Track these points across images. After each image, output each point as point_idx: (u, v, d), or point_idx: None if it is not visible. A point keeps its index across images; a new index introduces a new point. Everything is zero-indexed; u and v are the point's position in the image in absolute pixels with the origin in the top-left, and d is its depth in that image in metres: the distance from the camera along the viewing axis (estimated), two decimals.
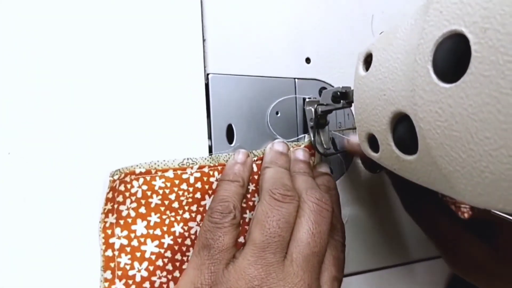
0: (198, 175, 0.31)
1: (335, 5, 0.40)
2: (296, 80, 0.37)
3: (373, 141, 0.26)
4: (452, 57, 0.19)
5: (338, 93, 0.31)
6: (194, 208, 0.31)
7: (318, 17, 0.38)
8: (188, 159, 0.31)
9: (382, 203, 0.41)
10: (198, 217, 0.31)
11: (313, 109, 0.35)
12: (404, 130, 0.23)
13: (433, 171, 0.21)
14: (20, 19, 0.27)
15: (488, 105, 0.17)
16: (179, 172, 0.31)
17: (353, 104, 0.28)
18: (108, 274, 0.28)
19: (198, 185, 0.31)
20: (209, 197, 0.31)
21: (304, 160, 0.34)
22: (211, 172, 0.32)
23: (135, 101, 0.30)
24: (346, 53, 0.39)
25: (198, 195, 0.31)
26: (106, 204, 0.29)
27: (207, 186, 0.31)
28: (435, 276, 0.45)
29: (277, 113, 0.36)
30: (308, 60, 0.38)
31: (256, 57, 0.35)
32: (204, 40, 0.33)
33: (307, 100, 0.36)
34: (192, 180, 0.31)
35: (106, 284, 0.28)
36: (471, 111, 0.18)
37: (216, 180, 0.32)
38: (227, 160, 0.32)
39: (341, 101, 0.32)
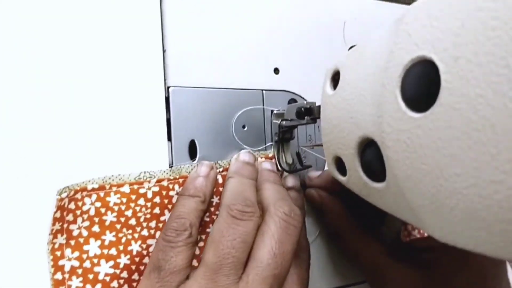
0: (156, 189, 0.29)
1: (305, 12, 0.38)
2: (264, 91, 0.35)
3: (340, 164, 0.25)
4: (421, 85, 0.17)
5: (303, 109, 0.30)
6: (153, 224, 0.29)
7: (287, 25, 0.37)
8: (145, 172, 0.29)
9: None
10: (158, 234, 0.29)
11: (277, 123, 0.34)
12: (372, 156, 0.21)
13: (401, 202, 0.20)
14: None
15: (458, 140, 0.16)
16: (135, 186, 0.29)
17: (319, 122, 0.26)
18: None
19: (157, 199, 0.29)
20: (169, 212, 0.29)
21: (273, 170, 0.33)
22: (170, 186, 0.30)
23: (91, 114, 0.28)
24: (317, 63, 0.38)
25: (157, 210, 0.29)
26: (54, 224, 0.26)
27: (166, 201, 0.29)
28: None
29: (243, 126, 0.34)
30: (276, 71, 0.36)
31: (221, 68, 0.33)
32: (164, 51, 0.31)
33: (275, 112, 0.35)
34: (150, 195, 0.29)
35: None
36: (441, 144, 0.17)
37: (177, 193, 0.30)
38: (189, 172, 0.30)
39: (305, 117, 0.30)
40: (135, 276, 0.28)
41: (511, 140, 0.14)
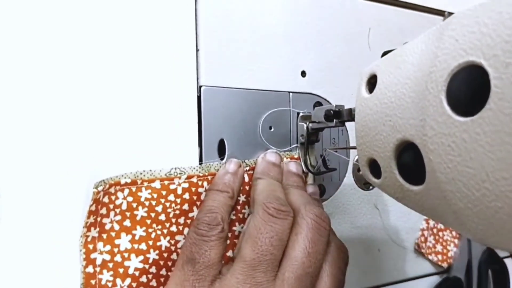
0: (186, 185, 0.29)
1: (331, 17, 0.38)
2: (290, 93, 0.36)
3: (374, 167, 0.25)
4: (469, 90, 0.18)
5: (331, 111, 0.30)
6: (181, 220, 0.29)
7: (314, 30, 0.37)
8: (176, 168, 0.29)
9: (374, 222, 0.41)
10: (186, 230, 0.30)
11: (304, 125, 0.34)
12: (410, 159, 0.22)
13: (441, 205, 0.20)
14: None
15: (507, 144, 0.16)
16: (166, 182, 0.29)
17: (348, 124, 0.27)
18: None
19: (186, 196, 0.29)
20: (198, 209, 0.30)
21: (297, 173, 0.33)
22: (200, 182, 0.30)
23: (125, 111, 0.29)
24: (342, 67, 0.38)
25: (185, 206, 0.30)
26: (88, 218, 0.27)
27: (195, 197, 0.30)
28: None
29: (270, 127, 0.34)
30: (303, 74, 0.36)
31: (250, 69, 0.34)
32: (197, 51, 0.31)
33: (301, 114, 0.35)
34: (179, 191, 0.29)
35: None
36: (488, 148, 0.17)
37: (205, 190, 0.30)
38: (217, 170, 0.31)
39: (334, 120, 0.31)
40: (163, 272, 0.29)
41: None
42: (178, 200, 0.29)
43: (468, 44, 0.18)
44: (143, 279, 0.28)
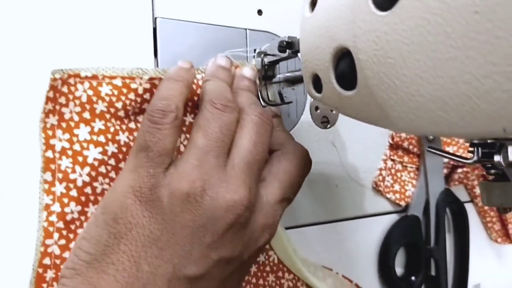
0: (147, 86, 0.30)
1: None
2: (247, 30, 0.36)
3: (317, 82, 0.26)
4: None
5: (284, 42, 0.31)
6: (140, 118, 0.30)
7: None
8: (138, 69, 0.29)
9: (332, 159, 0.42)
10: None
11: (260, 60, 0.35)
12: (345, 65, 0.23)
13: (370, 103, 0.22)
14: None
15: (419, 27, 0.18)
16: (127, 81, 0.29)
17: (300, 46, 0.28)
18: (48, 176, 0.27)
19: (147, 96, 0.30)
20: None
21: (249, 78, 0.33)
22: None
23: (78, 42, 0.29)
24: (299, 6, 0.39)
25: (146, 106, 0.30)
26: (46, 103, 0.27)
27: None
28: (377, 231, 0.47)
29: None
30: (260, 12, 0.37)
31: (208, 4, 0.34)
32: None
33: (257, 51, 0.36)
34: (140, 91, 0.29)
35: (46, 186, 0.27)
36: (404, 35, 0.18)
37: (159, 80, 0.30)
38: None
39: (287, 50, 0.32)
40: (122, 165, 0.30)
41: (463, 17, 0.16)
42: (139, 100, 0.30)
43: None
44: (102, 169, 0.29)
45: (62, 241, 0.28)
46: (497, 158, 0.25)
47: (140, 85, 0.29)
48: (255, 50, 0.37)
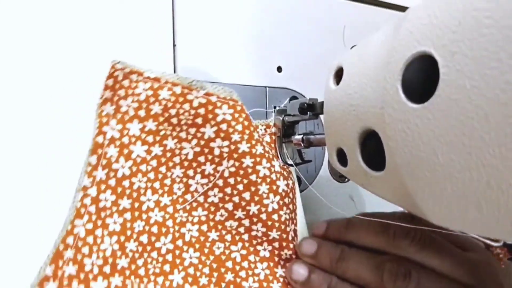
0: (203, 100, 0.29)
1: (307, 14, 0.40)
2: (267, 88, 0.37)
3: (342, 155, 0.26)
4: (421, 78, 0.19)
5: (305, 104, 0.31)
6: (192, 130, 0.30)
7: (290, 26, 0.38)
8: (197, 81, 0.29)
9: (350, 212, 0.42)
10: (194, 141, 0.30)
11: (280, 118, 0.35)
12: (372, 146, 0.23)
13: (399, 188, 0.21)
14: None
15: (454, 128, 0.17)
16: (185, 90, 0.29)
17: (322, 117, 0.28)
18: (93, 159, 0.27)
19: (201, 111, 0.29)
20: (211, 128, 0.30)
21: None
22: (218, 104, 0.30)
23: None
24: (318, 63, 0.40)
25: (199, 120, 0.30)
26: (105, 90, 0.27)
27: (210, 116, 0.30)
28: None
29: None
30: (279, 69, 0.38)
31: (227, 64, 0.35)
32: (174, 46, 0.32)
33: (277, 108, 0.36)
34: (195, 104, 0.29)
35: (89, 168, 0.27)
36: (438, 133, 0.18)
37: (224, 114, 0.30)
38: (239, 99, 0.31)
39: (308, 112, 0.32)
40: (162, 169, 0.30)
41: (501, 127, 0.16)
42: (192, 112, 0.29)
43: (421, 35, 0.19)
44: (143, 167, 0.29)
45: (89, 225, 0.27)
46: None
47: (196, 98, 0.29)
48: (274, 107, 0.37)
